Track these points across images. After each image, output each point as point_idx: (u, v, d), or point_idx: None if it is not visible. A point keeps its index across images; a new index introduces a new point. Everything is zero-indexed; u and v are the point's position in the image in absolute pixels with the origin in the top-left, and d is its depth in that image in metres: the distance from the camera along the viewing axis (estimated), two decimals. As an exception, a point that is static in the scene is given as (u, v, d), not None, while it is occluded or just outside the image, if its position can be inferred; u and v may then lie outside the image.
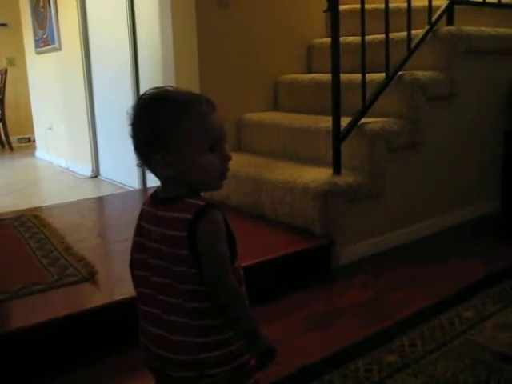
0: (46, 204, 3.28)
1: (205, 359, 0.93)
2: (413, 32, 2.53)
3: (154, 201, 0.99)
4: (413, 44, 2.53)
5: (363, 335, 1.72)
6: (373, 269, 2.26)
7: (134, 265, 1.02)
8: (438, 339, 1.68)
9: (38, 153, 5.55)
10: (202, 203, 0.93)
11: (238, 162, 2.77)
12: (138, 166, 0.99)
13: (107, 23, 3.83)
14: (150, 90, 0.98)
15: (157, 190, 1.00)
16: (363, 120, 2.38)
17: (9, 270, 2.07)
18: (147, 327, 0.99)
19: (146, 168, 0.98)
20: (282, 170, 2.52)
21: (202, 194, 0.99)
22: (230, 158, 0.98)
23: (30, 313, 1.71)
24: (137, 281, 1.01)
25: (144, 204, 1.02)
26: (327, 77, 2.53)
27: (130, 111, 0.97)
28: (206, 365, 0.94)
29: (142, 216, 1.01)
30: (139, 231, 1.00)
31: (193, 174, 0.95)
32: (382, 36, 2.50)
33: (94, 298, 1.81)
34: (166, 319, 0.95)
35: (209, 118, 0.95)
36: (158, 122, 0.93)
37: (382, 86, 2.42)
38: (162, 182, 0.99)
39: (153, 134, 0.93)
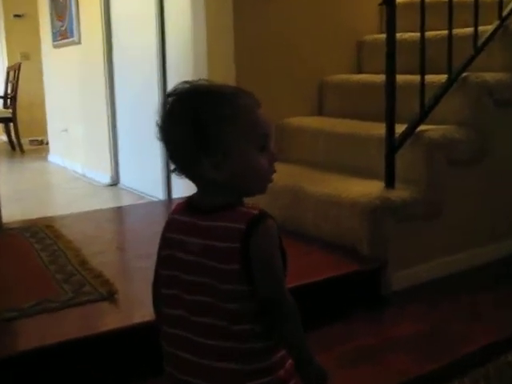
0: (60, 213, 3.33)
1: None
2: (480, 28, 2.51)
3: (190, 209, 1.00)
4: (480, 41, 2.51)
5: (417, 373, 1.70)
6: (428, 297, 2.24)
7: (160, 283, 1.03)
8: (506, 380, 1.65)
9: (52, 157, 5.67)
10: (255, 212, 0.95)
11: (277, 172, 2.77)
12: (172, 172, 1.00)
13: (133, 17, 3.91)
14: (179, 84, 0.99)
15: (193, 198, 1.01)
16: (421, 127, 2.37)
17: (19, 286, 2.11)
18: (177, 353, 0.99)
19: (182, 175, 1.00)
20: (326, 183, 2.52)
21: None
22: (276, 159, 1.00)
23: (41, 333, 1.74)
24: (166, 301, 1.02)
25: (174, 213, 1.03)
26: (380, 78, 2.52)
27: (161, 111, 0.98)
28: None
29: (172, 226, 1.02)
30: (168, 244, 1.01)
31: (244, 177, 0.97)
32: (445, 32, 2.48)
33: (113, 320, 1.83)
34: (203, 343, 0.95)
35: (258, 113, 0.97)
36: (206, 120, 0.93)
37: (444, 89, 2.40)
38: (203, 189, 1.00)
39: (200, 134, 0.93)
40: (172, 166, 1.00)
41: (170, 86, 3.22)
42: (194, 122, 0.94)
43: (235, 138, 0.94)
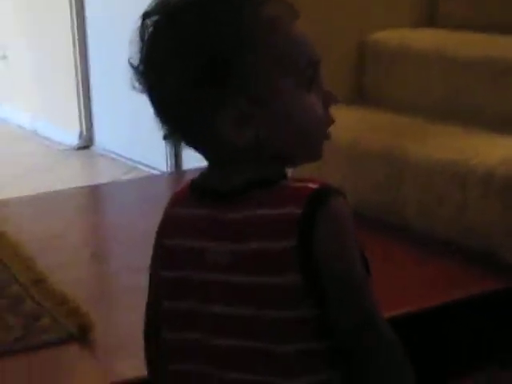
0: (-1, 197, 3.42)
1: None
2: None
3: (201, 196, 1.02)
4: None
5: None
6: None
7: (164, 322, 1.05)
8: None
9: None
10: (314, 186, 0.96)
11: (359, 125, 2.81)
12: (164, 138, 1.03)
13: None
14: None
15: (202, 179, 1.03)
16: None
17: None
18: None
19: (180, 142, 1.03)
20: (441, 141, 2.53)
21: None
22: (335, 100, 1.02)
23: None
24: (175, 351, 1.05)
25: (174, 205, 1.07)
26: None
27: (138, 42, 0.99)
28: None
29: (170, 228, 1.06)
30: (173, 258, 1.04)
31: (284, 135, 0.98)
32: None
33: (86, 375, 1.89)
34: None
35: (296, 29, 0.99)
36: (215, 47, 0.95)
37: None
38: (220, 161, 1.02)
39: (208, 72, 0.94)
40: (163, 129, 1.01)
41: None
42: (197, 53, 0.95)
43: (264, 73, 0.96)
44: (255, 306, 0.95)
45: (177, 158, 3.59)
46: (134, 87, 1.00)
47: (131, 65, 0.99)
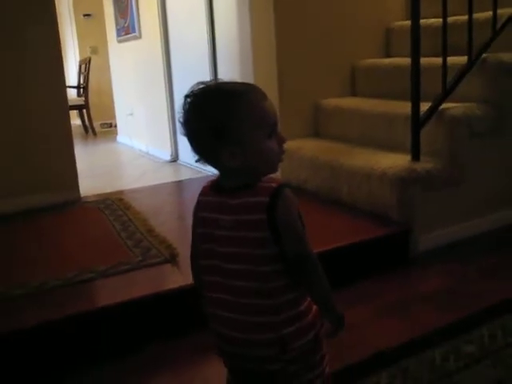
0: (128, 187, 3.42)
1: (286, 335, 0.98)
2: (499, 11, 2.43)
3: (216, 190, 1.02)
4: (498, 24, 2.44)
5: (441, 324, 1.71)
6: (451, 258, 2.23)
7: (199, 255, 1.05)
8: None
9: (120, 137, 5.78)
10: (274, 185, 0.97)
11: (316, 148, 2.79)
12: (197, 161, 1.02)
13: (187, 14, 3.91)
14: (195, 85, 1.00)
15: (216, 182, 1.04)
16: (444, 105, 2.33)
17: (96, 251, 2.20)
18: (220, 313, 1.02)
19: (206, 162, 1.01)
20: (359, 156, 2.52)
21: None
22: (285, 141, 1.01)
23: (116, 292, 1.82)
24: (204, 270, 1.04)
25: (202, 195, 1.06)
26: (407, 61, 2.47)
27: (181, 110, 0.99)
28: (287, 340, 0.98)
29: (201, 207, 1.05)
30: (202, 222, 1.03)
31: (256, 161, 0.97)
32: (465, 17, 2.41)
33: (175, 279, 1.88)
34: (243, 303, 0.98)
35: (265, 105, 0.98)
36: (219, 117, 0.95)
37: (465, 70, 2.36)
38: (224, 173, 1.01)
39: (215, 129, 0.95)
40: (196, 157, 1.01)
41: (220, 70, 3.22)
42: (209, 119, 0.96)
43: (246, 130, 0.95)
44: (245, 248, 0.97)
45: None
46: (181, 133, 1.00)
47: (179, 121, 1.00)
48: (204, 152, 1.00)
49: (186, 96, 0.99)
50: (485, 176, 2.45)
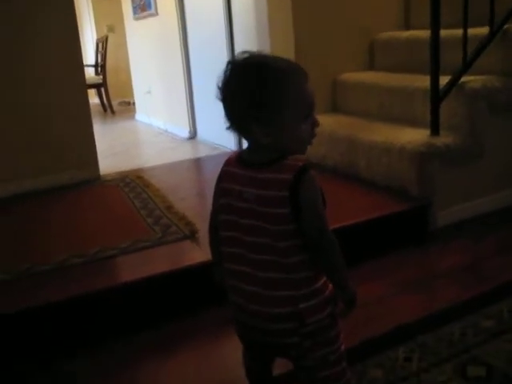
0: (147, 165, 3.44)
1: (304, 309, 0.99)
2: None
3: (242, 163, 1.02)
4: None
5: (460, 299, 1.71)
6: (471, 232, 2.22)
7: (220, 226, 1.06)
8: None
9: (138, 115, 5.79)
10: (300, 164, 0.96)
11: (334, 123, 2.77)
12: (227, 129, 1.02)
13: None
14: (239, 53, 0.99)
15: (242, 154, 1.04)
16: (463, 78, 2.29)
17: (116, 228, 2.22)
18: (239, 285, 1.03)
19: (236, 132, 1.01)
20: (377, 131, 2.49)
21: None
22: (318, 124, 1.01)
23: (137, 268, 1.84)
24: (225, 241, 1.05)
25: (227, 166, 1.06)
26: (426, 33, 2.43)
27: (221, 76, 0.98)
28: (304, 314, 0.99)
29: (224, 177, 1.05)
30: (225, 193, 1.04)
31: (288, 141, 0.98)
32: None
33: (195, 255, 1.90)
34: (262, 276, 0.99)
35: (307, 87, 0.98)
36: (260, 93, 0.94)
37: (486, 42, 2.31)
38: (253, 147, 1.02)
39: (257, 105, 0.94)
40: (226, 123, 1.01)
41: (237, 46, 3.19)
42: (253, 94, 0.94)
43: (285, 110, 0.95)
44: (267, 222, 0.97)
45: (240, 141, 3.57)
46: (217, 97, 1.00)
47: (218, 86, 0.99)
48: (236, 119, 0.99)
49: (229, 62, 0.99)
50: (504, 151, 2.41)
